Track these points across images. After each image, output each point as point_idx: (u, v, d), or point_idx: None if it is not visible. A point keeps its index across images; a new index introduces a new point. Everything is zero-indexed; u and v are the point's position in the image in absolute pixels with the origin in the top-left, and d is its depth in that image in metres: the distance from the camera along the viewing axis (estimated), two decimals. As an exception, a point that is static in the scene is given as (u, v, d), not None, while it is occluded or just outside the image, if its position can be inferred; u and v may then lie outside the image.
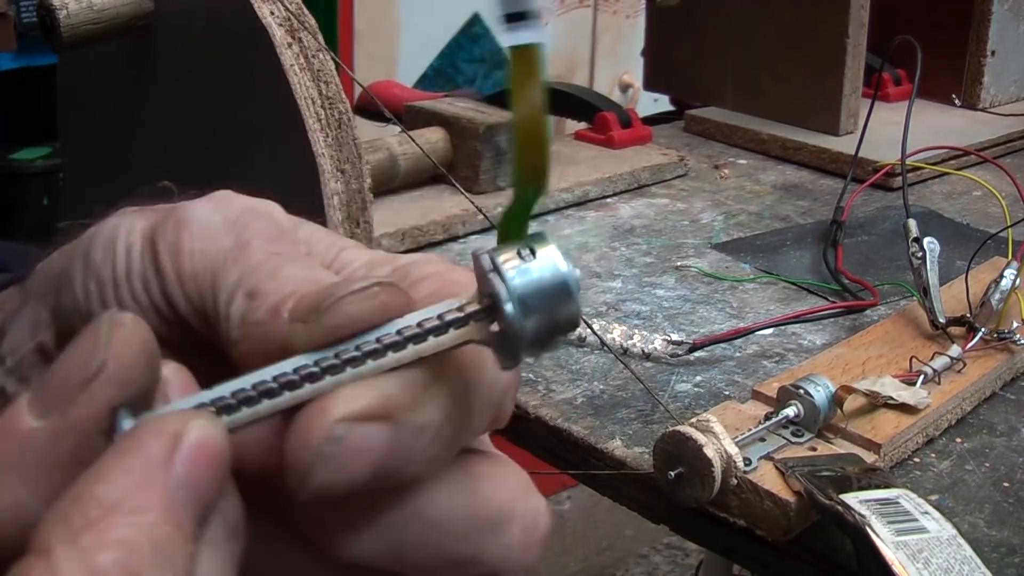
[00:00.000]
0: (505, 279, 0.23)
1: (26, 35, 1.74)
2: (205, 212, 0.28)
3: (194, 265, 0.27)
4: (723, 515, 0.48)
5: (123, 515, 0.20)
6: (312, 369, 0.23)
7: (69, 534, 0.20)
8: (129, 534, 0.20)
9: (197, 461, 0.22)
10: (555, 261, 0.23)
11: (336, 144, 0.59)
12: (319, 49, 0.58)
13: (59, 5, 0.62)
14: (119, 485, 0.21)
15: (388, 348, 0.23)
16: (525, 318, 0.23)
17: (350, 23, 1.81)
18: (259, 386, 0.23)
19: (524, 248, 0.23)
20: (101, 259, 0.28)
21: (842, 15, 0.99)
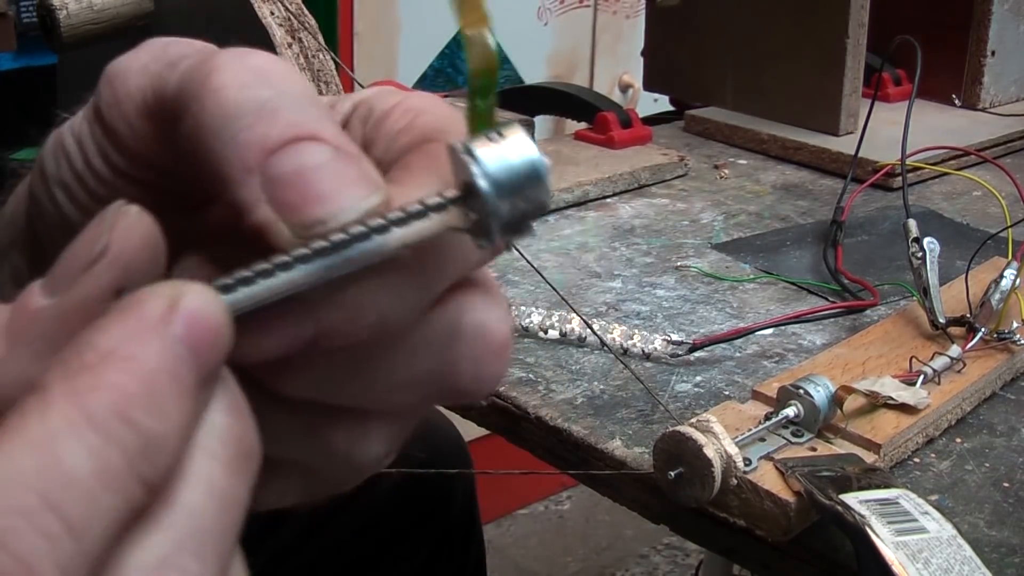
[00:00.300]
0: (478, 160, 0.24)
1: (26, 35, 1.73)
2: (131, 58, 0.28)
3: (133, 103, 0.27)
4: (723, 515, 0.48)
5: (118, 360, 0.21)
6: (304, 251, 0.24)
7: (65, 375, 0.21)
8: (123, 379, 0.21)
9: (194, 323, 0.22)
10: (524, 144, 0.25)
11: (336, 144, 0.59)
12: (319, 49, 0.58)
13: (59, 5, 0.62)
14: (116, 335, 0.21)
15: (374, 231, 0.24)
16: (498, 196, 0.24)
17: (350, 23, 1.81)
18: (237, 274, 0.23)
19: (493, 132, 0.25)
20: (55, 166, 0.29)
21: (842, 15, 0.99)
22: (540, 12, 2.07)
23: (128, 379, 0.21)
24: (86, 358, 0.21)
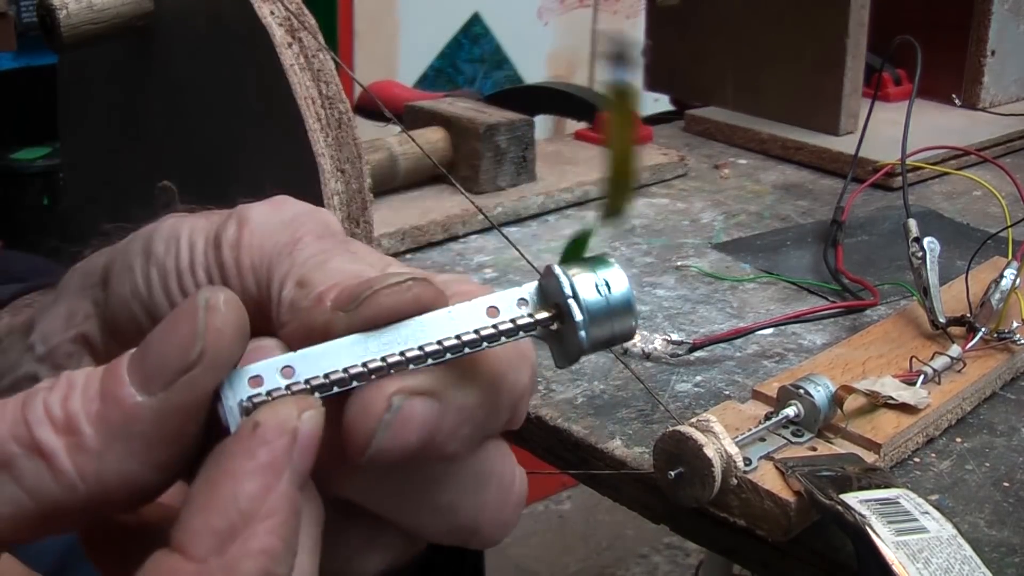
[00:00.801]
0: (582, 306, 0.27)
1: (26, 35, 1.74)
2: (263, 212, 0.31)
3: (252, 258, 0.30)
4: (723, 515, 0.48)
5: (261, 522, 0.24)
6: (400, 359, 0.26)
7: (217, 545, 0.23)
8: (268, 542, 0.24)
9: (307, 449, 0.25)
10: (623, 285, 0.27)
11: (336, 144, 0.59)
12: (319, 49, 0.58)
13: (59, 5, 0.62)
14: (253, 490, 0.24)
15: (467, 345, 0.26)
16: (590, 337, 0.27)
17: (350, 23, 1.81)
18: (332, 375, 0.26)
19: (600, 278, 0.27)
20: (164, 252, 0.31)
21: (842, 15, 0.99)
22: (540, 12, 2.07)
23: (272, 540, 0.24)
24: (234, 526, 0.23)
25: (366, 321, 0.26)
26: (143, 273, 0.31)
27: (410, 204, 0.83)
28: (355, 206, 0.60)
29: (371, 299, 0.26)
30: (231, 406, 0.25)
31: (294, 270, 0.29)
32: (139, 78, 0.71)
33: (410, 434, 0.25)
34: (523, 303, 0.27)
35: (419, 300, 0.26)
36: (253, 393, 0.26)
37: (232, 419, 0.25)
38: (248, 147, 0.65)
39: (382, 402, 0.25)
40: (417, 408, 0.26)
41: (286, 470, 0.24)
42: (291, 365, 0.26)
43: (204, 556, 0.23)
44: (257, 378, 0.26)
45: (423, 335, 0.26)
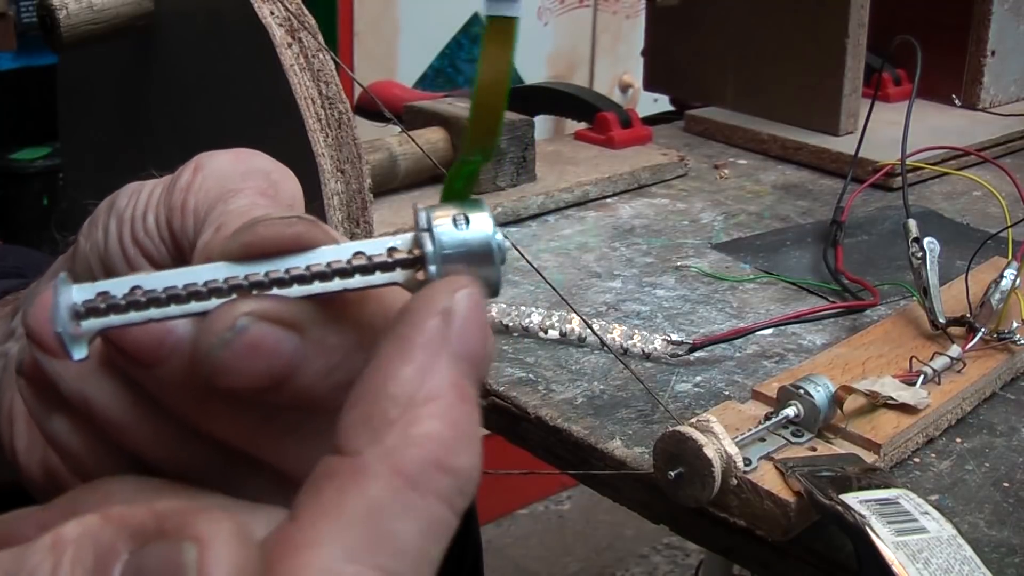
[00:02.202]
0: (435, 239, 0.25)
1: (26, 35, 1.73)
2: (222, 160, 0.30)
3: (196, 202, 0.29)
4: (723, 515, 0.48)
5: (421, 406, 0.21)
6: (220, 285, 0.24)
7: (374, 437, 0.21)
8: (433, 427, 0.21)
9: (468, 331, 0.23)
10: (485, 229, 0.25)
11: (336, 144, 0.59)
12: (319, 49, 0.58)
13: (59, 5, 0.62)
14: (409, 377, 0.22)
15: (315, 277, 0.25)
16: (442, 273, 0.25)
17: (350, 23, 1.81)
18: (169, 289, 0.24)
19: (460, 213, 0.25)
20: (124, 203, 0.31)
21: (842, 15, 0.99)
22: (540, 12, 2.07)
23: (437, 425, 0.21)
24: (389, 413, 0.21)
25: (241, 248, 0.25)
26: (103, 226, 0.31)
27: (410, 204, 0.83)
28: (355, 206, 0.60)
29: (251, 228, 0.25)
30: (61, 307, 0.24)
31: (220, 217, 0.28)
32: (139, 78, 0.71)
33: (258, 360, 0.24)
34: (393, 250, 0.25)
35: (300, 238, 0.25)
36: (89, 299, 0.24)
37: (60, 321, 0.24)
38: (248, 147, 0.65)
39: (227, 320, 0.23)
40: (269, 335, 0.24)
41: (443, 352, 0.22)
42: (139, 285, 0.24)
43: (359, 448, 0.21)
44: (104, 293, 0.24)
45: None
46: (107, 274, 0.31)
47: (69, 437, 0.28)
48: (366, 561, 0.20)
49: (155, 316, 0.24)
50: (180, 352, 0.25)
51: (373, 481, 0.21)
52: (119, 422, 0.27)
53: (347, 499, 0.20)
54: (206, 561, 0.19)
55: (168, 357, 0.25)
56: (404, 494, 0.21)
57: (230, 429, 0.26)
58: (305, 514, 0.21)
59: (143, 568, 0.19)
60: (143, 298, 0.24)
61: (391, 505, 0.20)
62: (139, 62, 0.70)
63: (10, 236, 1.89)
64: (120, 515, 0.20)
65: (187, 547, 0.19)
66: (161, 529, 0.20)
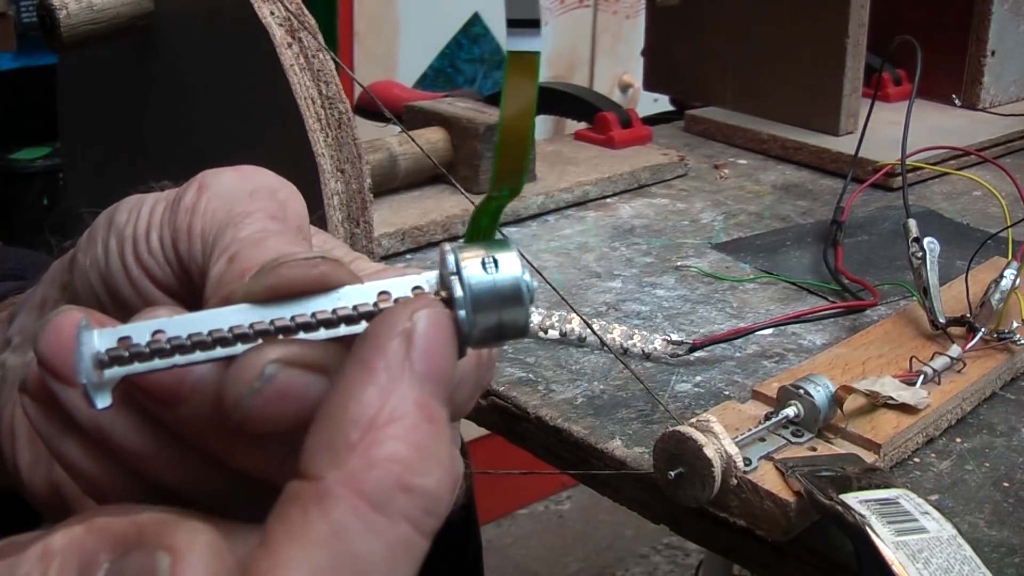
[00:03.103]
0: (464, 281, 0.24)
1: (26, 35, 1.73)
2: (227, 179, 0.30)
3: (203, 224, 0.29)
4: (723, 515, 0.48)
5: (382, 428, 0.21)
6: (247, 330, 0.24)
7: (334, 460, 0.21)
8: (394, 448, 0.21)
9: (430, 350, 0.22)
10: (514, 271, 0.25)
11: (336, 144, 0.59)
12: (319, 49, 0.58)
13: (59, 5, 0.62)
14: (370, 399, 0.21)
15: (342, 320, 0.24)
16: (475, 323, 0.24)
17: (350, 23, 1.81)
18: (194, 336, 0.24)
19: (489, 256, 0.25)
20: (125, 220, 0.30)
21: (842, 15, 0.99)
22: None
23: (398, 446, 0.21)
24: (350, 436, 0.21)
25: (265, 291, 0.24)
26: (103, 242, 0.31)
27: (410, 204, 0.83)
28: (355, 206, 0.60)
29: (275, 269, 0.24)
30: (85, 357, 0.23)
31: (232, 245, 0.27)
32: (139, 78, 0.71)
33: (287, 406, 0.24)
34: (418, 290, 0.25)
35: (325, 278, 0.25)
36: (112, 347, 0.24)
37: (84, 371, 0.24)
38: (248, 147, 0.65)
39: (255, 368, 0.23)
40: (296, 379, 0.24)
41: (404, 372, 0.22)
42: (163, 329, 0.24)
43: (322, 472, 0.21)
44: (126, 338, 0.24)
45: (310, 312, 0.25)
46: (108, 292, 0.31)
47: (82, 459, 0.27)
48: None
49: (179, 363, 0.24)
50: (200, 391, 0.25)
51: (335, 504, 0.21)
52: (137, 452, 0.27)
53: (311, 523, 0.21)
54: (178, 569, 0.19)
55: (188, 397, 0.25)
56: (367, 516, 0.20)
57: (251, 461, 0.26)
58: (272, 538, 0.21)
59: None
60: (167, 344, 0.24)
61: (355, 527, 0.20)
62: (139, 62, 0.70)
63: (10, 236, 1.89)
64: (103, 525, 0.21)
65: (160, 556, 0.19)
66: (140, 539, 0.20)
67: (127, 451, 0.26)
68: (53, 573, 0.20)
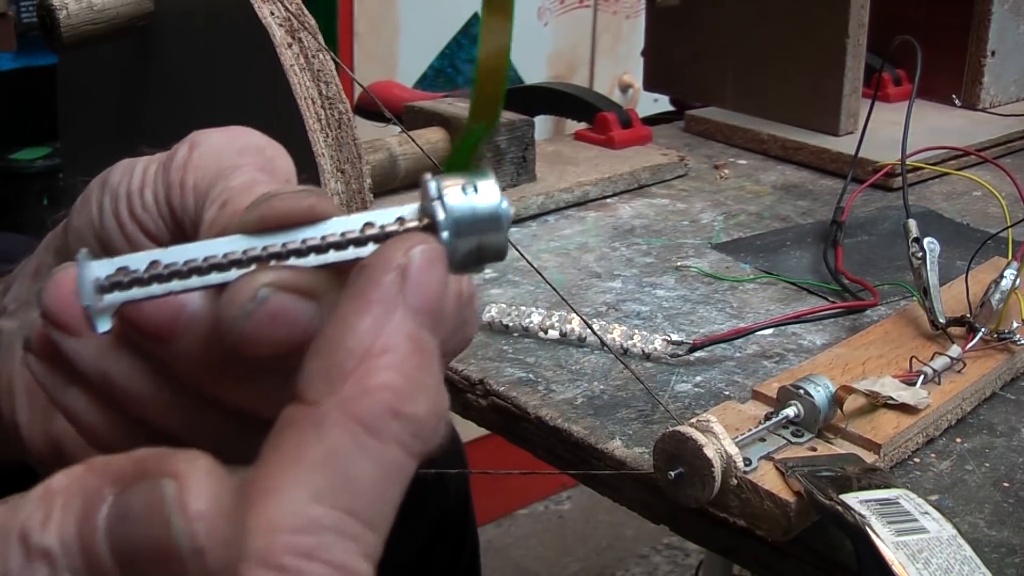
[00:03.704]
0: (446, 206, 0.26)
1: (26, 35, 1.73)
2: (217, 137, 0.31)
3: (195, 179, 0.30)
4: (723, 515, 0.48)
5: (375, 358, 0.22)
6: (240, 256, 0.25)
7: (331, 387, 0.22)
8: (387, 377, 0.22)
9: (423, 285, 0.24)
10: (493, 197, 0.26)
11: (336, 144, 0.59)
12: (319, 49, 0.58)
13: (59, 5, 0.62)
14: (365, 330, 0.23)
15: (330, 246, 0.26)
16: (456, 247, 0.26)
17: (350, 23, 1.81)
18: (190, 262, 0.25)
19: (468, 182, 0.26)
20: (118, 180, 0.32)
21: (842, 15, 0.99)
22: (540, 12, 2.07)
23: (391, 375, 0.22)
24: (345, 365, 0.22)
25: (257, 221, 0.26)
26: (97, 202, 0.32)
27: (410, 204, 0.83)
28: (355, 206, 0.60)
29: (266, 201, 0.26)
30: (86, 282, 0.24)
31: (223, 193, 0.29)
32: (139, 78, 0.71)
33: (279, 329, 0.25)
34: (401, 220, 0.26)
35: (313, 210, 0.26)
36: (111, 272, 0.25)
37: (86, 295, 0.24)
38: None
39: (249, 291, 0.25)
40: (288, 304, 0.25)
41: (398, 305, 0.23)
42: (159, 259, 0.25)
43: (318, 398, 0.22)
44: (124, 267, 0.25)
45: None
46: (104, 250, 0.32)
47: (86, 409, 0.28)
48: (329, 502, 0.21)
49: (176, 288, 0.25)
50: (194, 325, 0.26)
51: (331, 428, 0.22)
52: (136, 394, 0.28)
53: (308, 446, 0.22)
54: (184, 493, 0.20)
55: (182, 331, 0.26)
56: (361, 439, 0.22)
57: (245, 395, 0.27)
58: (270, 461, 0.22)
59: (127, 507, 0.20)
60: (165, 271, 0.25)
61: (349, 450, 0.22)
62: (139, 62, 0.70)
63: (10, 236, 1.89)
64: (103, 463, 0.21)
65: (166, 483, 0.20)
66: (142, 471, 0.21)
67: (127, 394, 0.27)
68: (57, 511, 0.21)
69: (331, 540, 0.21)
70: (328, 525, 0.21)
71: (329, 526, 0.21)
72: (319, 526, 0.21)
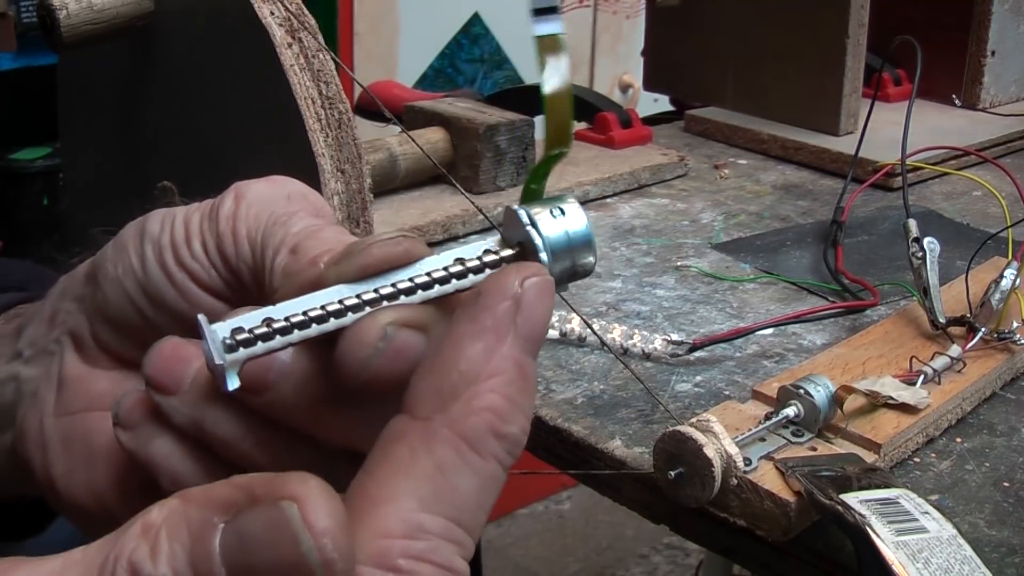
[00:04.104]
0: (541, 232, 0.28)
1: (26, 35, 1.73)
2: (261, 187, 0.33)
3: (248, 227, 0.31)
4: (723, 515, 0.48)
5: (484, 381, 0.25)
6: (356, 301, 0.27)
7: (442, 405, 0.25)
8: (491, 400, 0.25)
9: (533, 315, 0.26)
10: (581, 219, 0.28)
11: (336, 144, 0.59)
12: (319, 49, 0.58)
13: (59, 5, 0.62)
14: (476, 356, 0.25)
15: (435, 282, 0.28)
16: (553, 266, 0.28)
17: (350, 23, 1.81)
18: (310, 311, 0.27)
19: (555, 207, 0.28)
20: (159, 229, 0.33)
21: (842, 15, 0.99)
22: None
23: (496, 399, 0.25)
24: (458, 386, 0.25)
25: (356, 271, 0.27)
26: (136, 251, 0.33)
27: (410, 204, 0.83)
28: (355, 206, 0.60)
29: (364, 251, 0.27)
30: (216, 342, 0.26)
31: (288, 239, 0.30)
32: (139, 78, 0.71)
33: (402, 362, 0.27)
34: (487, 252, 0.28)
35: (409, 253, 0.28)
36: (227, 334, 0.26)
37: (217, 353, 0.26)
38: (248, 147, 0.65)
39: (377, 330, 0.27)
40: (409, 338, 0.27)
41: (509, 333, 0.25)
42: (271, 316, 0.27)
43: (428, 414, 0.24)
44: (239, 328, 0.26)
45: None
46: (148, 298, 0.33)
47: (170, 456, 0.30)
48: (436, 510, 0.24)
49: (294, 339, 0.27)
50: (286, 376, 0.28)
51: (440, 444, 0.24)
52: (227, 438, 0.29)
53: (417, 458, 0.24)
54: (308, 513, 0.21)
55: (274, 383, 0.28)
56: (466, 455, 0.24)
57: (340, 430, 0.29)
58: (379, 471, 0.24)
59: (245, 532, 0.22)
60: (287, 322, 0.26)
61: (455, 464, 0.24)
62: (139, 62, 0.70)
63: (10, 236, 1.89)
64: (201, 494, 0.23)
65: (287, 505, 0.22)
66: (252, 497, 0.22)
67: (219, 439, 0.29)
68: (163, 542, 0.22)
69: (438, 544, 0.24)
70: (435, 531, 0.24)
71: (436, 532, 0.24)
72: (428, 532, 0.24)
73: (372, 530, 0.23)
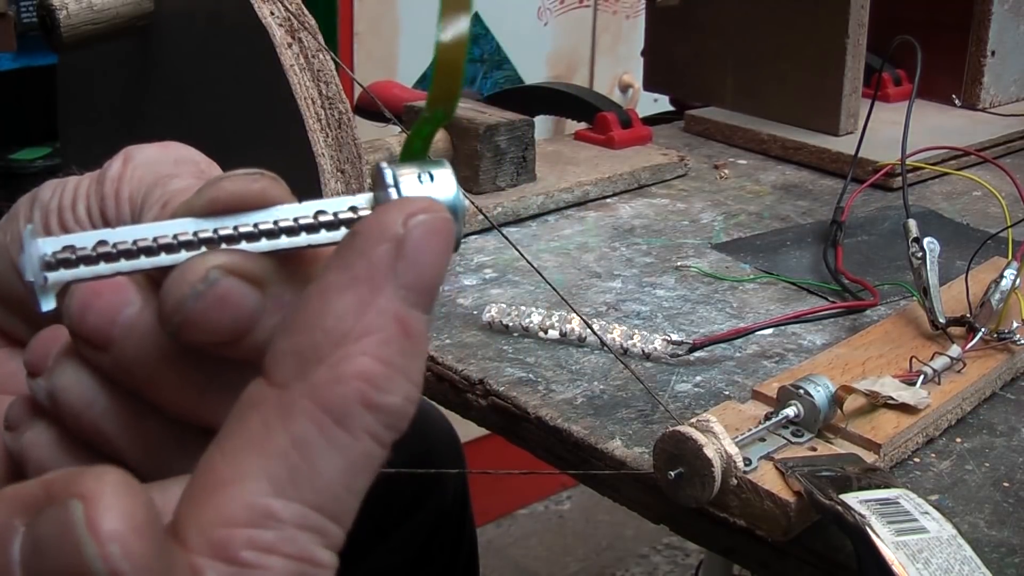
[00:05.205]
0: (402, 194, 0.25)
1: (26, 35, 1.73)
2: (150, 151, 0.30)
3: (131, 189, 0.29)
4: (723, 515, 0.48)
5: (354, 342, 0.21)
6: (191, 238, 0.24)
7: (302, 370, 0.21)
8: (364, 364, 0.21)
9: (419, 261, 0.22)
10: (449, 187, 0.25)
11: (336, 144, 0.59)
12: (319, 49, 0.58)
13: (59, 5, 0.62)
14: (346, 310, 0.21)
15: (282, 232, 0.25)
16: None
17: (350, 23, 1.81)
18: (139, 241, 0.24)
19: (424, 171, 0.25)
20: (49, 195, 0.31)
21: (842, 15, 0.99)
22: (540, 12, 2.07)
23: (368, 362, 0.21)
24: (321, 347, 0.21)
25: (205, 204, 0.25)
26: (26, 218, 0.31)
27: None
28: (355, 206, 0.60)
29: (216, 184, 0.25)
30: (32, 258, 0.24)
31: (163, 196, 0.28)
32: (139, 78, 0.71)
33: (224, 314, 0.24)
34: (354, 209, 0.25)
35: (265, 193, 0.25)
36: (57, 249, 0.24)
37: (31, 271, 0.24)
38: (248, 147, 0.65)
39: (200, 271, 0.24)
40: (235, 288, 0.24)
41: (388, 283, 0.21)
42: (106, 239, 0.24)
43: (285, 381, 0.21)
44: (71, 245, 0.24)
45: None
46: None
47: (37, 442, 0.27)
48: (291, 495, 0.20)
49: (124, 268, 0.24)
50: (130, 331, 0.25)
51: (298, 417, 0.20)
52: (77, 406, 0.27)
53: (272, 433, 0.21)
54: (93, 514, 0.19)
55: (120, 338, 0.25)
56: (330, 431, 0.20)
57: (183, 399, 0.26)
58: (228, 446, 0.21)
59: (38, 536, 0.19)
60: (114, 249, 0.24)
61: (316, 441, 0.20)
62: (139, 62, 0.70)
63: (10, 236, 1.88)
64: (12, 493, 0.20)
65: (73, 505, 0.19)
66: (49, 496, 0.19)
67: (67, 408, 0.26)
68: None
69: (292, 534, 0.20)
70: (289, 519, 0.20)
71: (290, 520, 0.20)
72: (279, 520, 0.20)
73: (213, 516, 0.20)
